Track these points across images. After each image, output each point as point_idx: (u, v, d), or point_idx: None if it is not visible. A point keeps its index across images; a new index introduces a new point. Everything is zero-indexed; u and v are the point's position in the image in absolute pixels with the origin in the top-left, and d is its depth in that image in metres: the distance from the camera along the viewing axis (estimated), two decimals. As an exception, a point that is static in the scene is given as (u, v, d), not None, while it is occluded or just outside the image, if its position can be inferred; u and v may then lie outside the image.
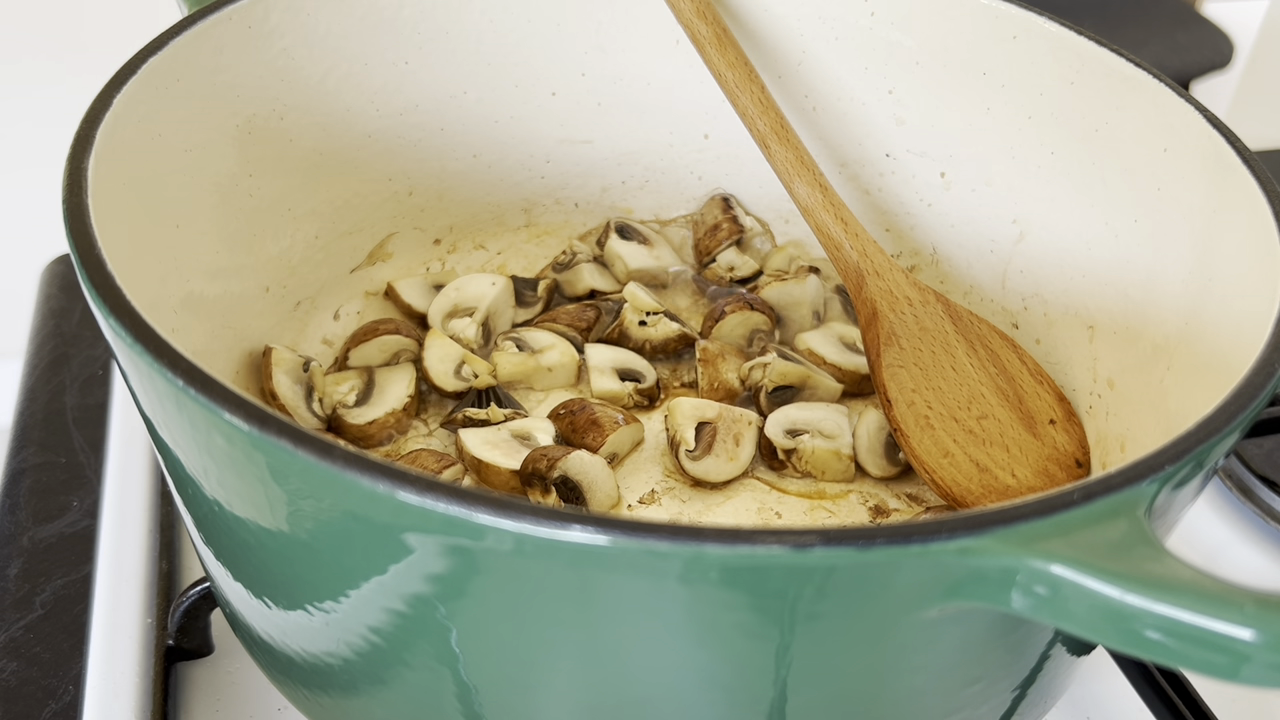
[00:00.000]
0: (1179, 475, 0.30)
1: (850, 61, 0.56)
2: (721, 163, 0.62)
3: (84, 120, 0.40)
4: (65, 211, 0.36)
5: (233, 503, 0.33)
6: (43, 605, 0.50)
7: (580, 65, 0.58)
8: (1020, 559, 0.27)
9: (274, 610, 0.36)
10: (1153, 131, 0.47)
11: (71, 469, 0.57)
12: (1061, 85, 0.51)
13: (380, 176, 0.57)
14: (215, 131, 0.48)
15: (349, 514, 0.29)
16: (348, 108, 0.54)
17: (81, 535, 0.53)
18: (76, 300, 0.68)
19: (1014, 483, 0.47)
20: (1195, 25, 1.04)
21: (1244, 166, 0.42)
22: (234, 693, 0.47)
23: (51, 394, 0.61)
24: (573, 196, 0.62)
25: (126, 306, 0.33)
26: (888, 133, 0.57)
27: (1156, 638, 0.26)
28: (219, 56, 0.48)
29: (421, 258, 0.60)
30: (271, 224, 0.52)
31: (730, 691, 0.32)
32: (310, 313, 0.56)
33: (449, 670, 0.33)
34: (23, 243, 1.22)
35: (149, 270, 0.43)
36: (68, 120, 0.65)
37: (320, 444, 0.28)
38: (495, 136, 0.59)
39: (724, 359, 0.54)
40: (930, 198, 0.58)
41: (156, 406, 0.33)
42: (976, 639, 0.32)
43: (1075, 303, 0.52)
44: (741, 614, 0.29)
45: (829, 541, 0.26)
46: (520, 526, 0.27)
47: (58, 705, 0.46)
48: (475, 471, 0.50)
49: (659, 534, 0.27)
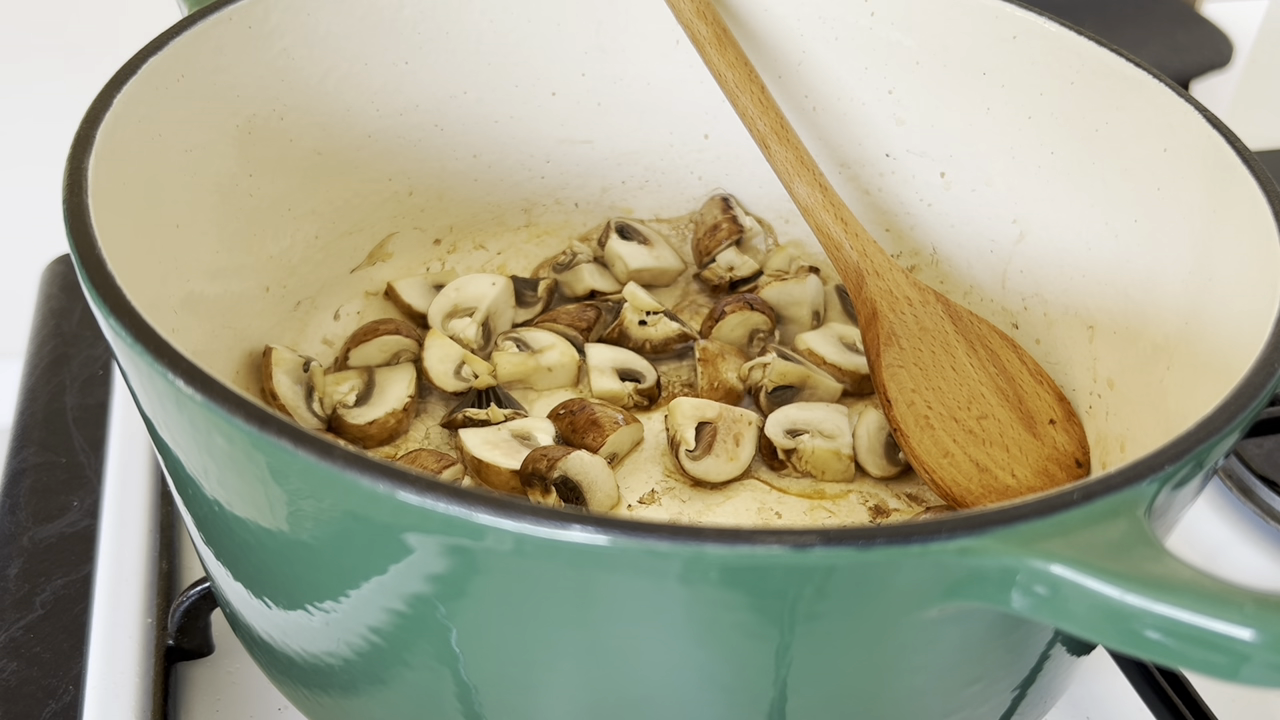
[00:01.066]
0: (1179, 475, 0.30)
1: (850, 61, 0.56)
2: (721, 163, 0.62)
3: (84, 120, 0.40)
4: (65, 211, 0.36)
5: (233, 503, 0.33)
6: (43, 605, 0.50)
7: (580, 65, 0.58)
8: (1020, 559, 0.27)
9: (274, 610, 0.36)
10: (1153, 131, 0.47)
11: (72, 469, 0.57)
12: (1061, 85, 0.50)
13: (380, 176, 0.57)
14: (215, 131, 0.48)
15: (349, 514, 0.29)
16: (348, 108, 0.54)
17: (82, 535, 0.53)
18: (77, 300, 0.68)
19: (1014, 483, 0.47)
20: (1195, 25, 1.04)
21: (1244, 166, 0.42)
22: (234, 693, 0.47)
23: (52, 394, 0.61)
24: (573, 196, 0.62)
25: (126, 306, 0.33)
26: (888, 133, 0.57)
27: (1156, 638, 0.26)
28: (219, 56, 0.48)
29: (422, 258, 0.60)
30: (271, 224, 0.52)
31: (730, 691, 0.32)
32: (310, 313, 0.56)
33: (449, 670, 0.33)
34: (23, 243, 1.22)
35: (149, 270, 0.43)
36: (68, 120, 0.65)
37: (320, 444, 0.28)
38: (495, 136, 0.59)
39: (724, 359, 0.54)
40: (930, 198, 0.58)
41: (156, 406, 0.33)
42: (976, 639, 0.32)
43: (1075, 303, 0.52)
44: (741, 614, 0.29)
45: (829, 541, 0.26)
46: (520, 526, 0.27)
47: (58, 705, 0.46)
48: (475, 472, 0.50)
49: (659, 534, 0.27)
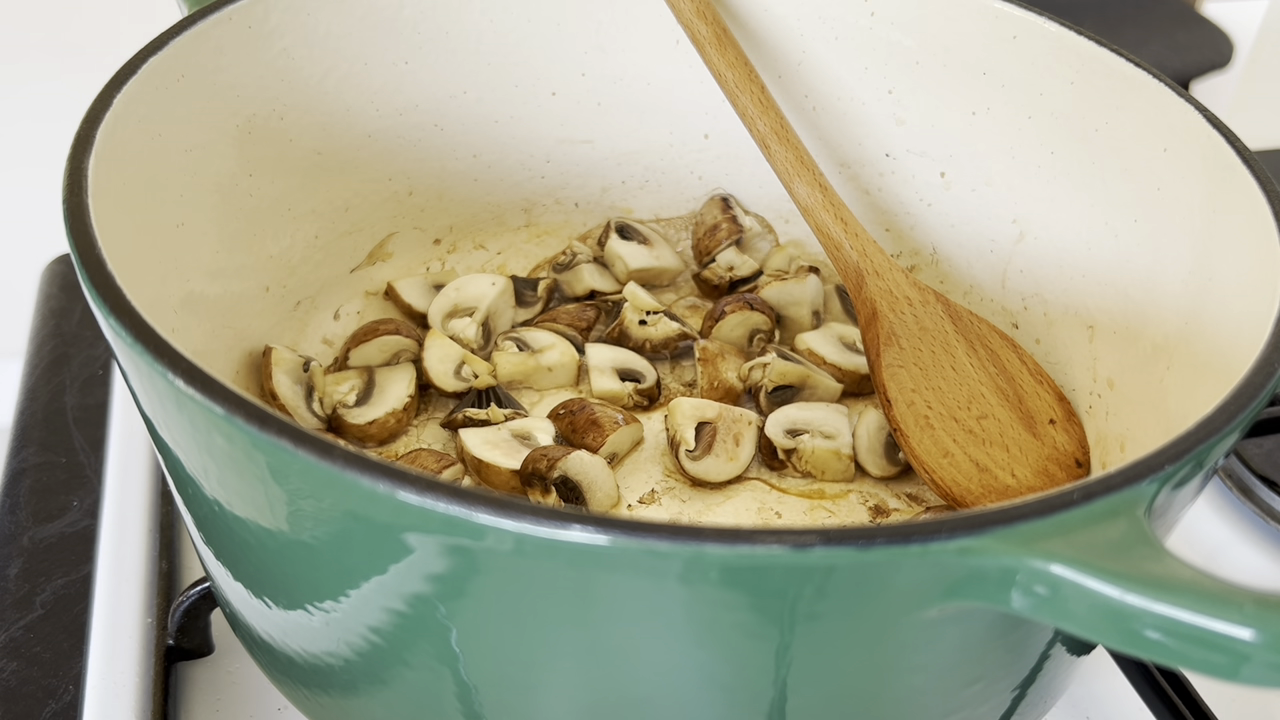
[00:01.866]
0: (1179, 475, 0.30)
1: (850, 61, 0.56)
2: (721, 162, 0.62)
3: (84, 120, 0.40)
4: (65, 211, 0.36)
5: (233, 503, 0.33)
6: (43, 605, 0.50)
7: (580, 65, 0.58)
8: (1020, 559, 0.27)
9: (274, 610, 0.36)
10: (1153, 131, 0.47)
11: (72, 469, 0.57)
12: (1062, 85, 0.50)
13: (380, 176, 0.57)
14: (215, 131, 0.48)
15: (349, 514, 0.29)
16: (348, 108, 0.54)
17: (82, 535, 0.53)
18: (77, 300, 0.68)
19: (1014, 483, 0.47)
20: (1195, 25, 1.04)
21: (1244, 166, 0.42)
22: (234, 693, 0.47)
23: (52, 394, 0.61)
24: (573, 196, 0.62)
25: (126, 306, 0.33)
26: (888, 133, 0.57)
27: (1156, 637, 0.26)
28: (219, 56, 0.48)
29: (422, 257, 0.60)
30: (271, 224, 0.52)
31: (730, 691, 0.32)
32: (310, 313, 0.56)
33: (449, 670, 0.33)
34: (23, 243, 1.22)
35: (149, 270, 0.43)
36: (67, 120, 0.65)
37: (320, 444, 0.28)
38: (495, 136, 0.59)
39: (724, 359, 0.54)
40: (930, 197, 0.58)
41: (156, 406, 0.33)
42: (976, 639, 0.32)
43: (1075, 302, 0.52)
44: (741, 614, 0.29)
45: (829, 541, 0.26)
46: (520, 526, 0.27)
47: (58, 705, 0.46)
48: (475, 471, 0.50)
49: (659, 534, 0.27)
